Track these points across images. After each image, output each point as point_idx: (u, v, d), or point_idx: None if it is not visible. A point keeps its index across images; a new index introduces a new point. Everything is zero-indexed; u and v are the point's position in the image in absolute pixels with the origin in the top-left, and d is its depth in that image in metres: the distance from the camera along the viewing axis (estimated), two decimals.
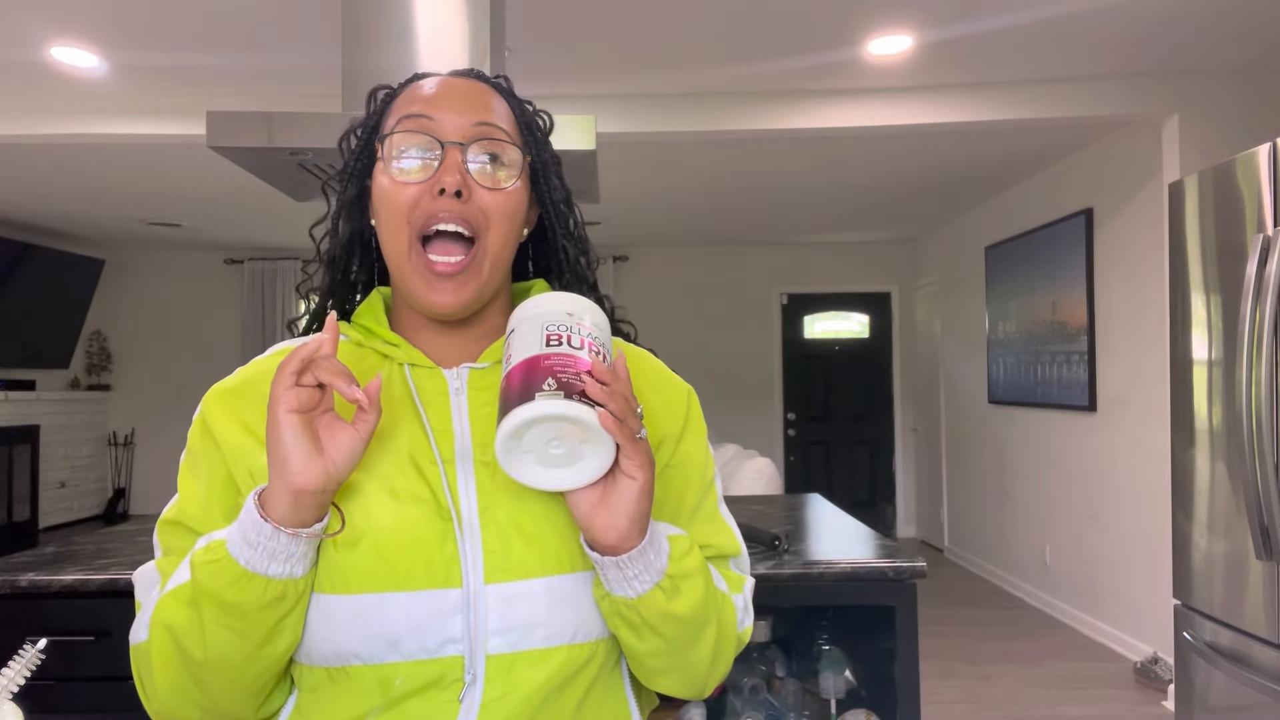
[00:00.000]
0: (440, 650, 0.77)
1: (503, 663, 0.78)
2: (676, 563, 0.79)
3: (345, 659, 0.77)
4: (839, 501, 7.72)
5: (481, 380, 0.86)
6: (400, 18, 2.06)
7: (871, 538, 2.04)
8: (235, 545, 0.73)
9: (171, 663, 0.77)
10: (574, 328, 0.77)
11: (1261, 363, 2.18)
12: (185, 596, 0.76)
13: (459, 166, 0.82)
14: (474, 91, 0.87)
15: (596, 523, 0.75)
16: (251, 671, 0.77)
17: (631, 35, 3.42)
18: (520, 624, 0.78)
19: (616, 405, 0.72)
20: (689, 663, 0.84)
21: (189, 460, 0.85)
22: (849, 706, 1.94)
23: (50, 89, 3.92)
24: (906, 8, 3.19)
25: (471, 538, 0.79)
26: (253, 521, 0.73)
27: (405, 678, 0.77)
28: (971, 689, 4.06)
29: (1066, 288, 5.09)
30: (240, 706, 0.80)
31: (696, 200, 6.08)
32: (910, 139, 4.63)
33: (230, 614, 0.74)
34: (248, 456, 0.81)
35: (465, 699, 0.77)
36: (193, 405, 5.29)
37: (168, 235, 7.55)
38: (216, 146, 1.81)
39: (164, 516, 0.84)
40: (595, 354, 0.76)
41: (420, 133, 0.83)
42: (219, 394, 0.86)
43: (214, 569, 0.73)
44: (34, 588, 1.74)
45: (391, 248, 0.84)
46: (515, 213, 0.86)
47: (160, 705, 0.80)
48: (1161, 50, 3.60)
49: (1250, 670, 2.25)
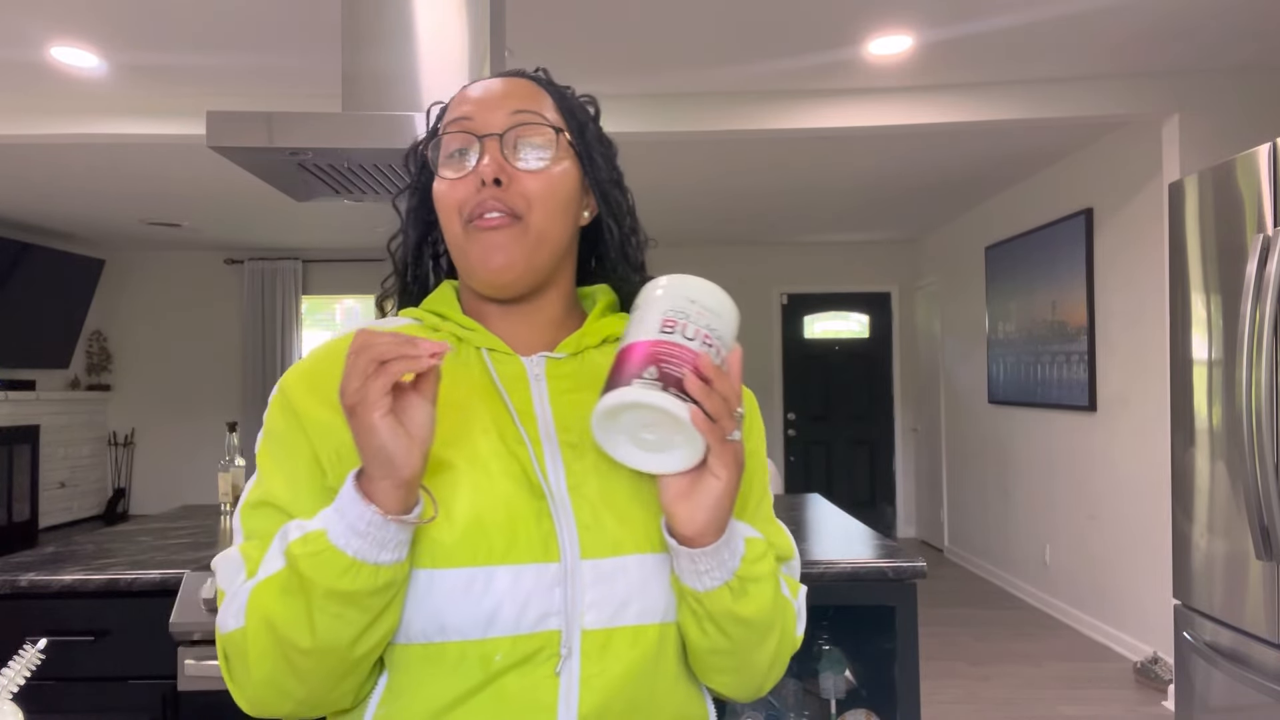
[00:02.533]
0: (538, 625, 0.77)
1: (598, 638, 0.78)
2: (749, 565, 0.81)
3: (447, 634, 0.77)
4: (839, 501, 7.72)
5: (559, 369, 0.89)
6: (400, 18, 2.06)
7: (871, 538, 2.04)
8: (340, 535, 0.73)
9: (269, 654, 0.76)
10: (693, 316, 0.76)
11: (1261, 363, 2.18)
12: (282, 585, 0.75)
13: (496, 155, 0.85)
14: (511, 85, 0.90)
15: (678, 512, 0.77)
16: (355, 655, 0.77)
17: (631, 35, 3.42)
18: (615, 599, 0.79)
19: (713, 405, 0.73)
20: (748, 665, 0.85)
21: (270, 442, 0.85)
22: (849, 706, 1.94)
23: (50, 89, 3.92)
24: (906, 8, 3.19)
25: (565, 514, 0.80)
26: (359, 511, 0.72)
27: (505, 653, 0.77)
28: (971, 689, 4.06)
29: (1066, 288, 5.09)
30: (336, 693, 0.80)
31: (696, 200, 6.08)
32: (910, 139, 4.63)
33: (342, 602, 0.74)
34: (335, 435, 0.81)
35: (563, 674, 0.77)
36: (193, 405, 5.32)
37: (168, 235, 7.55)
38: (216, 146, 1.81)
39: (247, 500, 0.84)
40: (708, 346, 0.75)
41: (461, 133, 0.87)
42: (300, 374, 0.87)
43: (319, 561, 0.73)
44: (34, 588, 1.74)
45: (451, 240, 0.88)
46: (559, 191, 0.88)
47: (255, 694, 0.79)
48: (1161, 50, 3.60)
49: (1250, 670, 2.25)
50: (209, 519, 2.43)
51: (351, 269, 8.35)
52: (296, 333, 8.35)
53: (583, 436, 0.83)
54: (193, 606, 1.70)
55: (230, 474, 2.50)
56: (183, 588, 1.72)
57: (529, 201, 0.85)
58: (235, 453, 2.53)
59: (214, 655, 1.69)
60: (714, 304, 0.77)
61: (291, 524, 0.78)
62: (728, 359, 0.76)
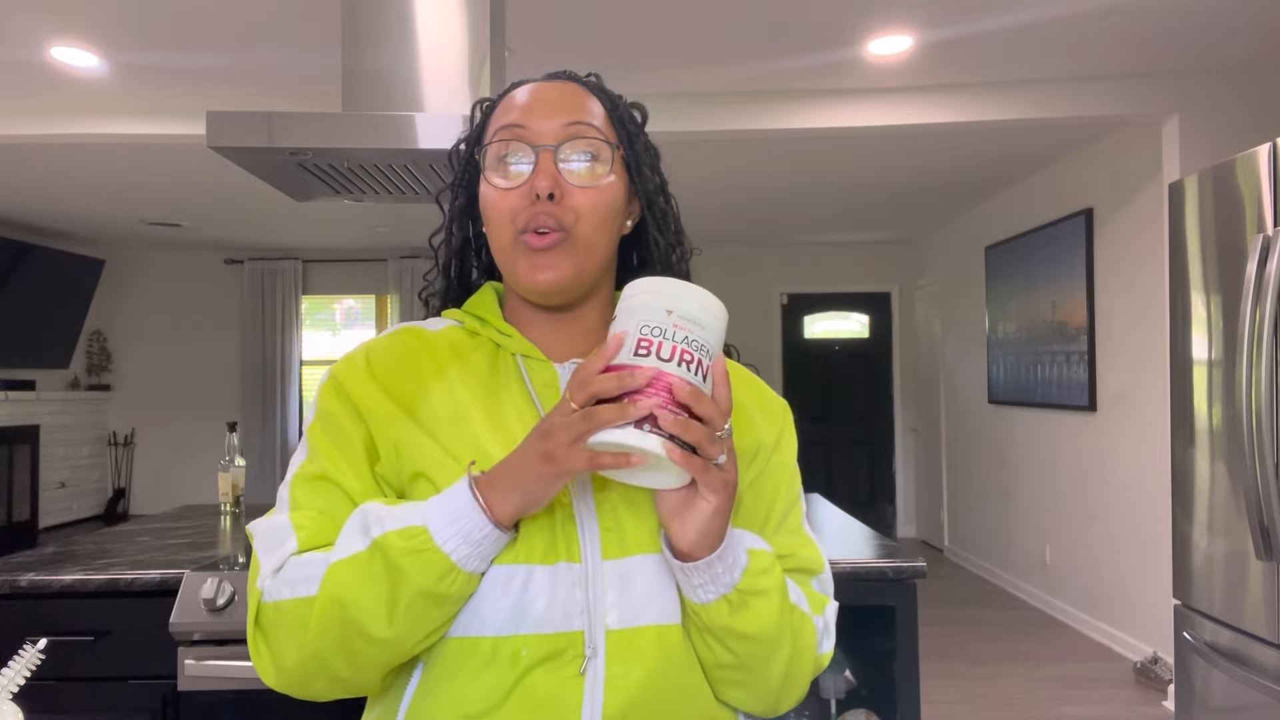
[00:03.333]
0: (564, 624, 0.79)
1: (622, 638, 0.79)
2: (750, 579, 0.80)
3: (483, 629, 0.79)
4: (839, 501, 7.73)
5: None
6: (400, 18, 2.06)
7: (871, 538, 2.04)
8: (449, 540, 0.75)
9: (331, 632, 0.77)
10: (669, 331, 0.72)
11: (1261, 363, 2.18)
12: (363, 570, 0.76)
13: (550, 169, 0.85)
14: (565, 93, 0.90)
15: (671, 527, 0.78)
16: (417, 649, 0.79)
17: (631, 35, 3.42)
18: (635, 599, 0.80)
19: (691, 435, 0.71)
20: (758, 681, 0.85)
21: (324, 421, 0.86)
22: (849, 706, 1.94)
23: (50, 89, 3.92)
24: (906, 8, 3.19)
25: (588, 516, 0.82)
26: (477, 522, 0.75)
27: (531, 649, 0.78)
28: (971, 689, 4.06)
29: (1066, 288, 5.09)
30: (376, 678, 0.81)
31: (696, 200, 6.08)
32: (910, 139, 4.63)
33: (431, 603, 0.76)
34: (393, 426, 0.84)
35: (588, 674, 0.78)
36: (193, 405, 5.33)
37: (168, 235, 7.55)
38: (216, 146, 1.81)
39: (300, 473, 0.85)
40: (685, 365, 0.71)
41: (514, 140, 0.87)
42: (357, 365, 0.88)
43: (420, 560, 0.75)
44: (34, 588, 1.74)
45: (498, 246, 0.88)
46: (609, 205, 0.88)
47: (296, 666, 0.79)
48: (1161, 50, 3.60)
49: (1250, 670, 2.25)
50: (209, 519, 2.43)
51: (351, 269, 8.35)
52: (296, 333, 8.35)
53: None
54: (193, 606, 1.70)
55: (230, 474, 2.50)
56: (183, 588, 1.71)
57: (578, 215, 0.86)
58: (235, 453, 2.52)
59: (214, 655, 1.69)
60: (694, 310, 0.73)
61: (371, 505, 0.79)
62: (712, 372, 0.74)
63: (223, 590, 1.69)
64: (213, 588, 1.68)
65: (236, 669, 1.69)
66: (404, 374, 0.87)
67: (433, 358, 0.89)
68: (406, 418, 0.84)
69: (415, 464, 0.82)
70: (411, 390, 0.86)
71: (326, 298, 8.50)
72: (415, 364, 0.88)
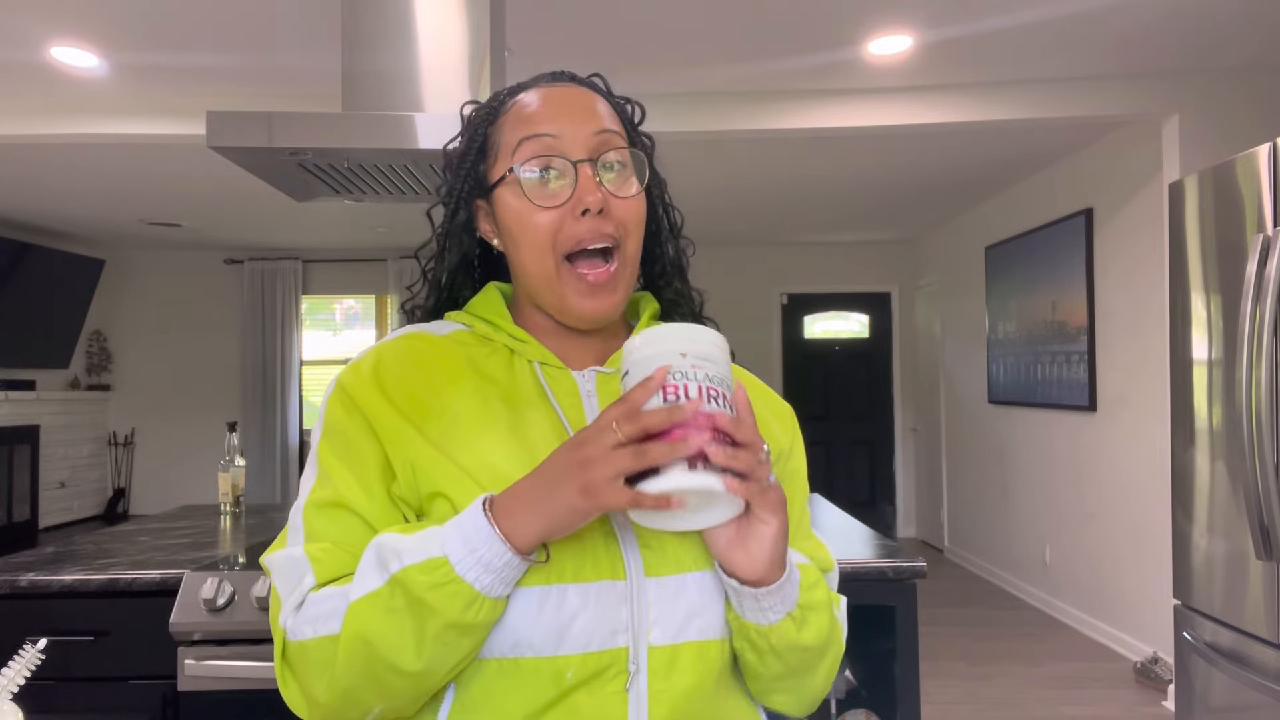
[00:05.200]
0: (607, 642, 0.77)
1: (665, 654, 0.79)
2: (806, 593, 0.81)
3: (521, 649, 0.77)
4: (839, 501, 7.72)
5: (609, 384, 0.87)
6: (400, 18, 2.06)
7: (871, 538, 2.05)
8: (469, 569, 0.72)
9: (359, 669, 0.75)
10: (689, 372, 0.71)
11: (1261, 363, 2.18)
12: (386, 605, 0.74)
13: (594, 184, 0.82)
14: (582, 99, 0.87)
15: (735, 559, 0.76)
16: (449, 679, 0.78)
17: (631, 35, 3.42)
18: (679, 616, 0.79)
19: (741, 462, 0.70)
20: (806, 685, 0.86)
21: (335, 441, 0.83)
22: (849, 706, 1.94)
23: (50, 89, 3.91)
24: (906, 8, 3.19)
25: (626, 532, 0.80)
26: (495, 550, 0.72)
27: (576, 669, 0.77)
28: (971, 689, 4.06)
29: (1066, 288, 5.09)
30: (410, 706, 0.80)
31: (696, 200, 6.08)
32: (910, 139, 4.63)
33: (459, 633, 0.74)
34: (408, 446, 0.80)
35: (632, 690, 0.77)
36: (193, 405, 5.33)
37: (168, 235, 7.55)
38: (216, 146, 1.81)
39: (313, 499, 0.81)
40: (714, 400, 0.71)
41: (549, 154, 0.83)
42: (365, 376, 0.84)
43: (444, 593, 0.72)
44: (34, 588, 1.74)
45: (538, 270, 0.84)
46: (643, 217, 0.87)
47: (329, 703, 0.77)
48: (1161, 50, 3.60)
49: (1250, 670, 2.25)
50: (209, 519, 2.43)
51: (351, 269, 8.35)
52: (296, 333, 8.35)
53: None
54: (193, 606, 1.70)
55: (230, 474, 2.50)
56: (183, 588, 1.72)
57: (626, 229, 0.84)
58: (235, 453, 2.52)
59: (214, 655, 1.69)
60: (704, 349, 0.73)
61: (387, 538, 0.76)
62: (737, 404, 0.73)
63: (223, 590, 1.69)
64: (213, 588, 1.68)
65: (236, 669, 1.69)
66: (416, 384, 0.83)
67: (444, 365, 0.85)
68: (420, 434, 0.81)
69: (433, 483, 0.79)
70: (425, 401, 0.82)
71: (326, 298, 8.50)
72: (426, 372, 0.84)
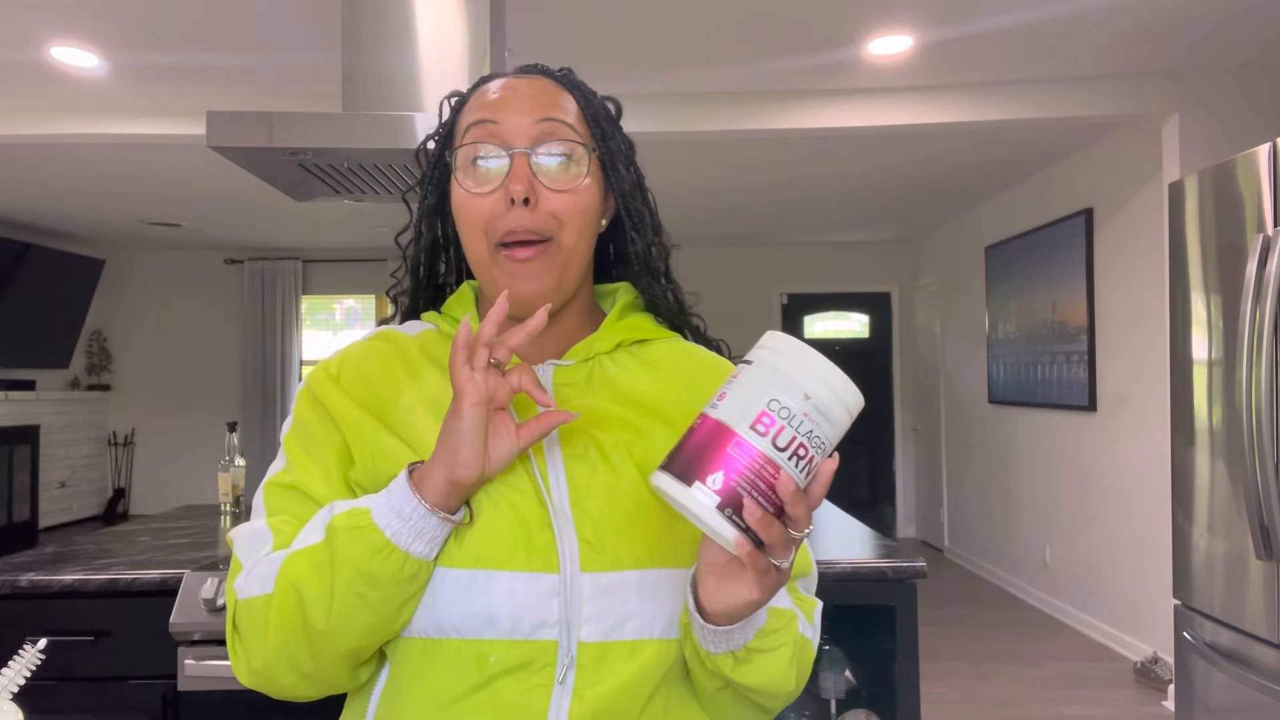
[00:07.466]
0: (535, 633, 0.77)
1: (595, 651, 0.78)
2: (762, 638, 0.78)
3: (445, 631, 0.78)
4: (839, 501, 7.70)
5: (566, 377, 0.88)
6: (400, 18, 2.06)
7: (871, 538, 2.05)
8: (383, 516, 0.75)
9: (289, 624, 0.77)
10: (798, 416, 0.66)
11: (1261, 363, 2.18)
12: (316, 559, 0.76)
13: (525, 174, 0.83)
14: (537, 89, 0.87)
15: (703, 583, 0.75)
16: (366, 642, 0.78)
17: (632, 35, 3.42)
18: (613, 614, 0.79)
19: (770, 537, 0.67)
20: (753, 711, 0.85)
21: (300, 431, 0.86)
22: (849, 706, 1.94)
23: (50, 89, 3.91)
24: (906, 8, 3.19)
25: (566, 526, 0.79)
26: (406, 497, 0.74)
27: (500, 656, 0.77)
28: (971, 689, 4.06)
29: (1066, 288, 5.09)
30: (340, 674, 0.81)
31: (696, 200, 6.08)
32: (910, 139, 4.63)
33: (367, 583, 0.75)
34: (367, 433, 0.83)
35: (557, 684, 0.77)
36: (193, 405, 5.34)
37: (168, 235, 7.55)
38: (216, 146, 1.81)
39: (273, 480, 0.85)
40: (794, 460, 0.66)
41: (486, 141, 0.84)
42: (329, 374, 0.88)
43: (356, 536, 0.74)
44: (34, 588, 1.74)
45: (473, 255, 0.87)
46: (587, 209, 0.87)
47: (263, 664, 0.79)
48: (1161, 50, 3.60)
49: (1250, 670, 2.25)
50: (209, 519, 2.43)
51: (351, 269, 8.35)
52: (296, 333, 8.35)
53: (587, 448, 0.83)
54: (193, 606, 1.70)
55: (230, 474, 2.50)
56: (183, 588, 1.72)
57: (559, 221, 0.84)
58: (235, 453, 2.52)
59: (214, 655, 1.69)
60: (830, 404, 0.68)
61: (338, 502, 0.79)
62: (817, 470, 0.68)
63: (223, 590, 1.69)
64: (213, 588, 1.69)
65: None
66: (376, 380, 0.86)
67: (405, 361, 0.88)
68: (379, 424, 0.83)
69: (391, 469, 0.81)
70: (384, 395, 0.85)
71: (326, 298, 8.50)
72: (388, 369, 0.87)
